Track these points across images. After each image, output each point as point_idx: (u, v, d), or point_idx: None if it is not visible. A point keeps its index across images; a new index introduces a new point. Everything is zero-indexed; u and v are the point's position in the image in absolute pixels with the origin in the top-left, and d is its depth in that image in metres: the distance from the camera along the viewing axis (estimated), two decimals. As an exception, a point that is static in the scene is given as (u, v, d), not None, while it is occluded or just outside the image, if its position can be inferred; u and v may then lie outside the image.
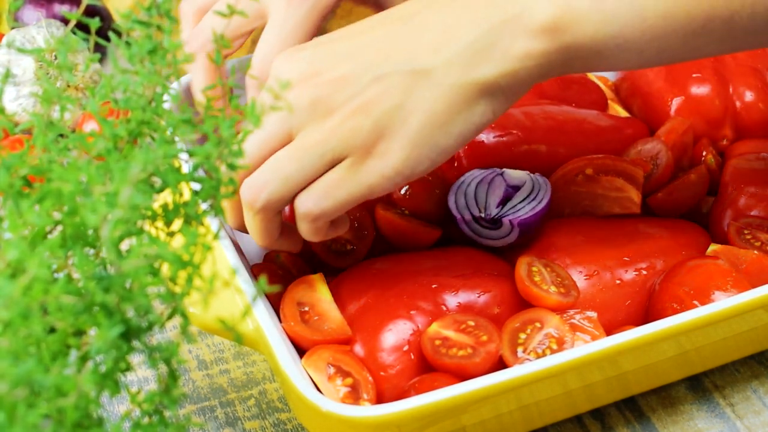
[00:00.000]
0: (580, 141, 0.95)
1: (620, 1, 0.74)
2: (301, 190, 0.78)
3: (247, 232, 0.82)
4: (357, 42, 0.78)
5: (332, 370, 0.80)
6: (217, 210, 0.69)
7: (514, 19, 0.74)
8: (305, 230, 0.79)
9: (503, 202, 0.88)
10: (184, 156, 0.84)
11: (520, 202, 0.87)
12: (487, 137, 0.93)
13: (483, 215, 0.88)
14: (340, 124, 0.76)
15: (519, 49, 0.75)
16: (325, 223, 0.79)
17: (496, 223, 0.88)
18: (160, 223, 0.68)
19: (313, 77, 0.77)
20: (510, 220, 0.87)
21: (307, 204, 0.78)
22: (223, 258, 0.83)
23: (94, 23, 0.72)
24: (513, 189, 0.88)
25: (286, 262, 0.89)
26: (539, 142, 0.94)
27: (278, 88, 0.67)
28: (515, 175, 0.89)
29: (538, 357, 0.79)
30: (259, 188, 0.78)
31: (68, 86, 1.04)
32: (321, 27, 0.95)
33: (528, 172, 0.90)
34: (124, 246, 0.84)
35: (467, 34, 0.75)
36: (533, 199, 0.88)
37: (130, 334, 0.63)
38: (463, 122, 0.76)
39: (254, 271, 0.87)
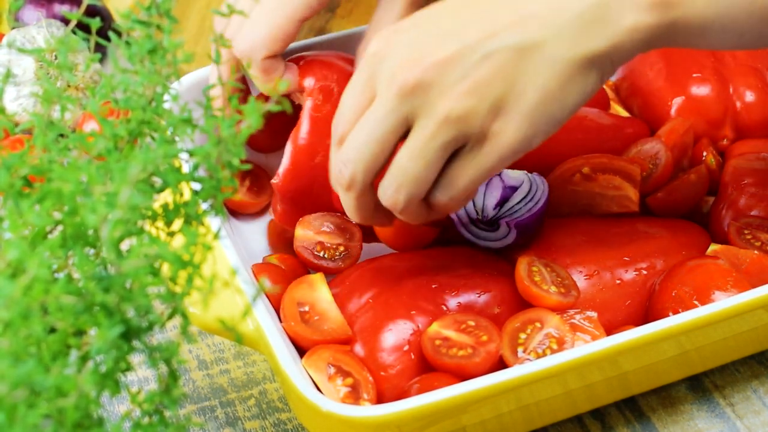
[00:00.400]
0: (580, 139, 0.95)
1: None
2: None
3: (371, 224, 0.84)
4: (459, 19, 0.77)
5: (332, 370, 0.80)
6: (217, 210, 0.69)
7: None
8: (439, 216, 0.81)
9: (501, 203, 0.88)
10: (184, 156, 0.84)
11: (517, 203, 0.87)
12: None
13: (480, 217, 0.88)
14: (454, 108, 0.75)
15: (629, 22, 0.74)
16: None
17: (493, 225, 0.88)
18: (160, 223, 0.68)
19: (418, 60, 0.76)
20: (507, 222, 0.87)
21: (442, 199, 0.79)
22: (223, 258, 0.83)
23: (95, 23, 0.72)
24: (511, 189, 0.88)
25: (281, 263, 0.89)
26: None
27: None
28: (513, 175, 0.89)
29: (538, 357, 0.79)
30: (395, 191, 0.78)
31: (68, 86, 1.04)
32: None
33: (526, 171, 0.90)
34: (125, 246, 0.84)
35: (575, 6, 0.75)
36: (530, 200, 0.88)
37: (130, 334, 0.63)
38: (576, 94, 0.76)
39: (254, 271, 0.88)
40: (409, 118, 0.77)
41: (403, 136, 0.78)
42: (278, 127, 0.96)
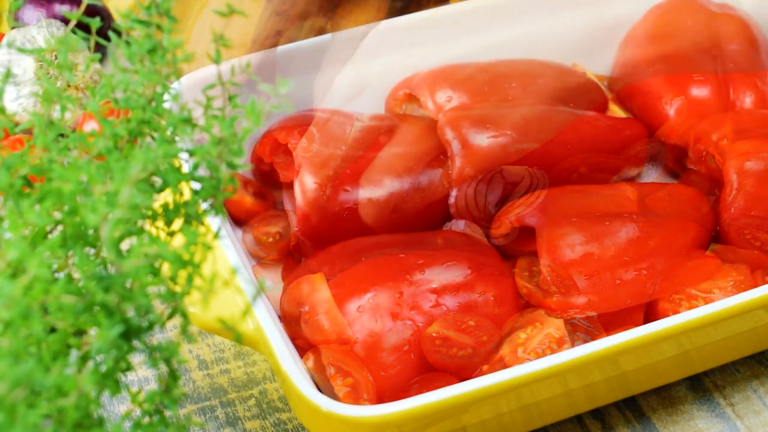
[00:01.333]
0: (578, 141, 0.95)
1: None
2: None
3: None
4: None
5: (332, 370, 0.80)
6: (217, 209, 0.69)
7: None
8: None
9: (502, 201, 0.88)
10: (184, 155, 0.84)
11: (518, 199, 0.88)
12: (485, 141, 0.93)
13: (482, 216, 0.88)
14: None
15: None
16: None
17: (496, 222, 0.88)
18: (160, 223, 0.68)
19: None
20: (509, 219, 0.87)
21: None
22: (223, 258, 0.83)
23: (95, 23, 0.72)
24: (512, 186, 0.88)
25: (281, 263, 0.89)
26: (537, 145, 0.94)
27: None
28: (513, 171, 0.89)
29: (538, 357, 0.79)
30: None
31: (68, 86, 1.04)
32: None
33: (526, 167, 0.90)
34: (125, 246, 0.84)
35: None
36: (531, 195, 0.88)
37: (130, 334, 0.63)
38: None
39: (254, 271, 0.88)
40: None
41: None
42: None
